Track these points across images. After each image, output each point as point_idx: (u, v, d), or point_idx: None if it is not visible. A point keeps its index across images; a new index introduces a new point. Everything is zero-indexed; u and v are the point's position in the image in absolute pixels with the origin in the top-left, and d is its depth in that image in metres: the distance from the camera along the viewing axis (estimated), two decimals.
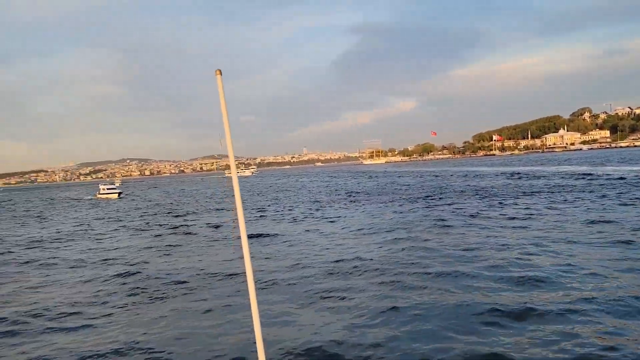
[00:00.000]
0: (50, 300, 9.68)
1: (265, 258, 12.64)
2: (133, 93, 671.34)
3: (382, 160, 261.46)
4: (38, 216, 37.78)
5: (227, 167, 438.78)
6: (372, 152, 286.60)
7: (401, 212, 21.39)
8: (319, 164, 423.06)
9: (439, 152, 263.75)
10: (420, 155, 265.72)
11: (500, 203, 22.39)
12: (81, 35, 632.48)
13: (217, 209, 31.38)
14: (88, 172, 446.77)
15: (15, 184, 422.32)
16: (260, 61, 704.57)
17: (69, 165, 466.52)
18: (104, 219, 30.69)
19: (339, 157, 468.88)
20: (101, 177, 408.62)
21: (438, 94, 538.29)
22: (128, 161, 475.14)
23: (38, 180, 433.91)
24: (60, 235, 22.15)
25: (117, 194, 61.62)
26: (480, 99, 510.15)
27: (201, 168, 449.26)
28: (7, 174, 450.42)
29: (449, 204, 23.41)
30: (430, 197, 28.33)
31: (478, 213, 18.98)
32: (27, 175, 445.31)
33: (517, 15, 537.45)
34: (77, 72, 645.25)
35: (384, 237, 14.62)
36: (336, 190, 43.45)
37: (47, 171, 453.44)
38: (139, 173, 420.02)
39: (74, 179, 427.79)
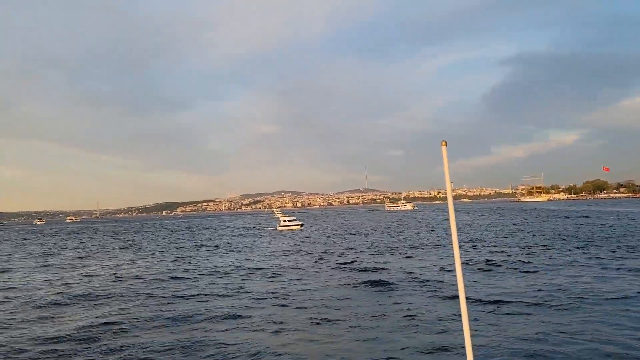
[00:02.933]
0: None
1: None
2: (288, 131, 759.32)
3: (544, 197, 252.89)
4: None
5: (373, 200, 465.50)
6: (532, 189, 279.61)
7: None
8: (466, 200, 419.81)
9: (614, 191, 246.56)
10: (590, 194, 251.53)
11: None
12: (247, 82, 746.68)
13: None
14: (248, 202, 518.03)
15: (190, 211, 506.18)
16: (409, 97, 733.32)
17: (233, 197, 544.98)
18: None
19: (489, 193, 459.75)
20: (259, 208, 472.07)
21: (606, 127, 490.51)
22: (283, 193, 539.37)
23: (207, 209, 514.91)
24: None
25: (299, 226, 65.02)
26: None
27: (348, 201, 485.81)
28: (185, 203, 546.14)
29: None
30: None
31: None
32: (199, 204, 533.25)
33: None
34: (242, 114, 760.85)
35: None
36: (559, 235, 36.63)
37: (215, 201, 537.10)
38: (292, 205, 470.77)
39: (237, 209, 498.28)
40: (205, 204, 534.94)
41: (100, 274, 25.47)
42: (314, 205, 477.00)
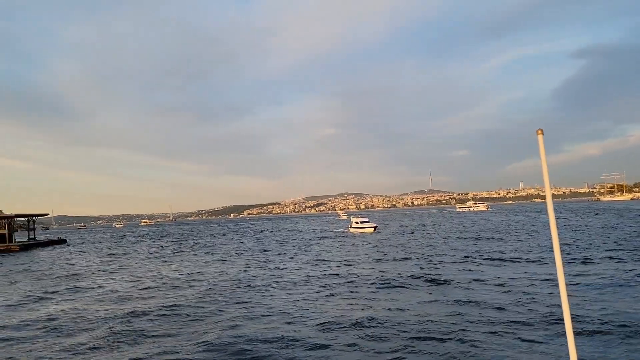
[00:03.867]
0: None
1: None
2: (350, 133, 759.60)
3: (627, 196, 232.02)
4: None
5: (438, 201, 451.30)
6: (613, 187, 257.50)
7: None
8: (538, 200, 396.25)
9: None
10: None
11: None
12: (309, 86, 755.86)
13: None
14: (312, 204, 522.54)
15: (256, 214, 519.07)
16: (474, 95, 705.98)
17: (297, 199, 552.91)
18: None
19: (563, 192, 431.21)
20: (323, 210, 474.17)
21: None
22: (346, 195, 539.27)
23: (273, 212, 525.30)
24: None
25: (372, 228, 60.77)
26: None
27: (412, 203, 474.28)
28: (251, 206, 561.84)
29: None
30: None
31: None
32: (265, 207, 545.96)
33: None
34: (304, 118, 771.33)
35: None
36: None
37: (280, 204, 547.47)
38: (355, 206, 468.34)
39: (301, 211, 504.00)
40: (270, 206, 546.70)
41: (167, 280, 24.51)
42: (378, 206, 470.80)
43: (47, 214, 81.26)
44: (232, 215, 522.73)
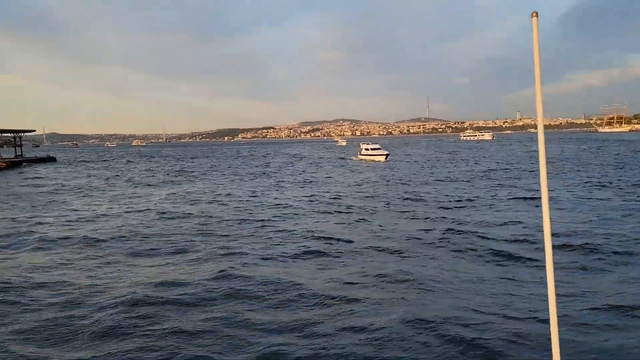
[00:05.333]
0: None
1: None
2: (350, 58, 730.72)
3: (625, 128, 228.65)
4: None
5: (434, 130, 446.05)
6: (612, 118, 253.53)
7: None
8: (533, 130, 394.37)
9: None
10: None
11: None
12: (310, 4, 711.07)
13: None
14: (307, 130, 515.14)
15: (250, 138, 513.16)
16: (479, 19, 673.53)
17: (292, 124, 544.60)
18: None
19: (560, 123, 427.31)
20: (318, 136, 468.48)
21: None
22: (341, 121, 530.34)
23: (267, 136, 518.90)
24: None
25: (384, 156, 55.61)
26: None
27: (408, 131, 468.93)
28: (246, 130, 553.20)
29: None
30: None
31: None
32: (259, 131, 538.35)
33: None
34: (303, 40, 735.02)
35: None
36: None
37: (275, 128, 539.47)
38: (350, 133, 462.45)
39: (296, 136, 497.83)
40: (265, 130, 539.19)
41: (169, 209, 20.36)
42: (373, 134, 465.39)
43: (34, 130, 76.11)
44: (226, 138, 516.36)
